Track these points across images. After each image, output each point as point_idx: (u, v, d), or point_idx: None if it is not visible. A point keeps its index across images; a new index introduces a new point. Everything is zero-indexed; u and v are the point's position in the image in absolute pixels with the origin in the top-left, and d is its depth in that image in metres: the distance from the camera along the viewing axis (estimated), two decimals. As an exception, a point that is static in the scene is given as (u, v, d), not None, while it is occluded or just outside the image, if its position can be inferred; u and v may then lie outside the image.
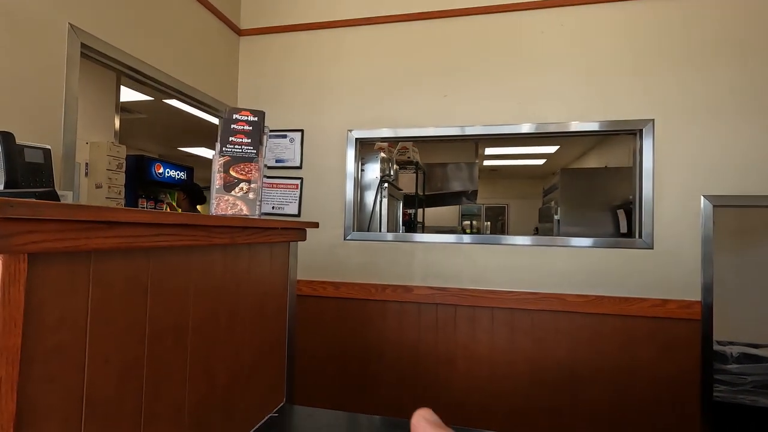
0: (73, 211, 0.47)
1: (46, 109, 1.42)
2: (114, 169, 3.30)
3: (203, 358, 0.78)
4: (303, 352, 2.29)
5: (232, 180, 0.93)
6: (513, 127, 2.17)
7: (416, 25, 2.27)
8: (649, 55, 2.01)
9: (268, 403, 1.04)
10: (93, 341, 0.55)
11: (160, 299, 0.67)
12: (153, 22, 1.89)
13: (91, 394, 0.55)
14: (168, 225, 0.64)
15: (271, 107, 2.43)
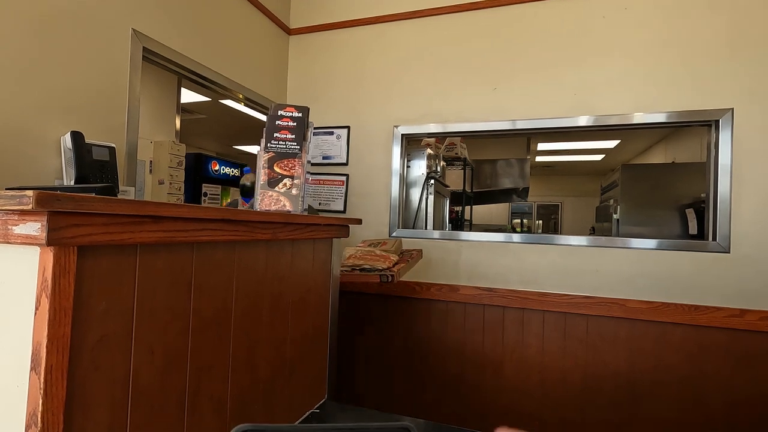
0: (118, 206, 0.49)
1: (111, 110, 1.52)
2: (175, 166, 3.50)
3: (245, 352, 0.79)
4: (346, 349, 2.30)
5: (276, 176, 0.94)
6: (569, 121, 2.04)
7: (464, 17, 2.20)
8: (727, 37, 1.80)
9: (310, 398, 1.04)
10: (138, 332, 0.57)
11: (204, 292, 0.68)
12: (208, 26, 1.97)
13: (136, 383, 0.56)
14: (211, 220, 0.65)
15: (318, 104, 2.46)
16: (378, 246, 1.74)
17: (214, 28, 2.01)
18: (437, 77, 2.24)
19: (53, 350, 0.45)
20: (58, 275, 0.45)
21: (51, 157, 1.33)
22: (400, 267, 1.51)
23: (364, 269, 1.39)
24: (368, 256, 1.50)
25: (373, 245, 1.75)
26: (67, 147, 1.29)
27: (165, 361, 0.61)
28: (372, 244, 1.80)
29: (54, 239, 0.44)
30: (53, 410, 0.45)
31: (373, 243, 1.81)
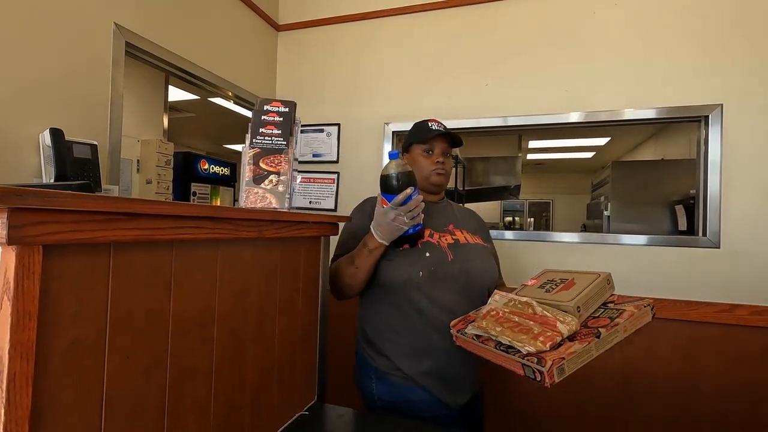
0: (87, 202, 0.46)
1: (92, 107, 1.47)
2: (163, 165, 3.45)
3: (230, 355, 0.76)
4: (339, 350, 2.27)
5: (262, 172, 0.91)
6: (560, 117, 2.04)
7: (454, 12, 2.18)
8: (716, 32, 1.81)
9: (299, 400, 1.02)
10: (113, 336, 0.54)
11: (185, 293, 0.65)
12: (194, 22, 1.93)
13: (111, 391, 0.53)
14: (191, 217, 0.62)
15: (308, 101, 2.43)
16: (556, 288, 0.97)
17: (201, 24, 1.97)
18: (428, 73, 2.22)
19: (16, 356, 0.42)
20: (22, 276, 0.42)
21: (29, 155, 1.29)
22: (569, 352, 0.80)
23: (500, 343, 0.86)
24: (519, 315, 0.88)
25: (550, 286, 1.00)
26: (46, 144, 1.25)
27: (143, 366, 0.58)
28: (549, 284, 1.02)
29: (15, 238, 0.41)
30: (17, 420, 0.42)
31: (553, 282, 1.02)
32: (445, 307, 1.11)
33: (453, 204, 1.39)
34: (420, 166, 1.24)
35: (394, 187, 1.01)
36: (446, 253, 1.15)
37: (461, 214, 1.36)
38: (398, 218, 1.01)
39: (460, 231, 1.24)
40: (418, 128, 1.28)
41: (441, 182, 1.26)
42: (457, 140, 1.27)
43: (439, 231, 1.21)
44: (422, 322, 1.12)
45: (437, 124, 1.25)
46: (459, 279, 1.14)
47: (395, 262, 1.13)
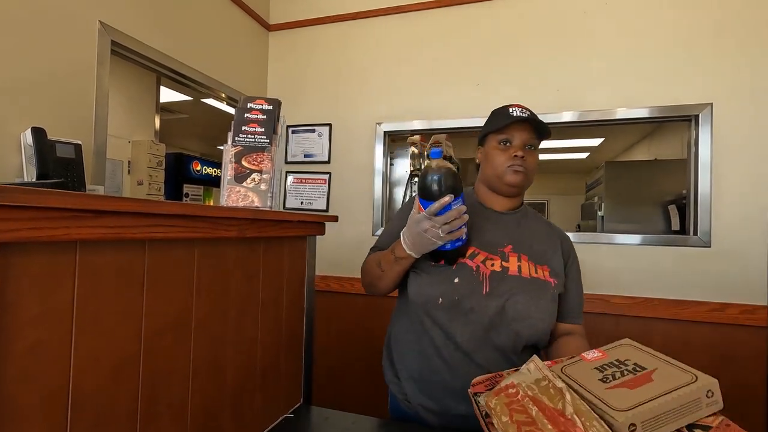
0: (45, 198, 0.44)
1: (77, 106, 1.45)
2: (154, 166, 3.42)
3: (209, 357, 0.74)
4: (329, 350, 2.25)
5: (244, 171, 0.89)
6: (553, 116, 2.03)
7: (448, 12, 2.17)
8: (706, 32, 1.81)
9: (284, 403, 1.00)
10: (80, 338, 0.52)
11: (159, 294, 0.63)
12: (184, 20, 1.91)
13: (77, 395, 0.52)
14: (164, 215, 0.61)
15: (299, 101, 2.41)
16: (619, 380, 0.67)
17: (191, 24, 1.95)
18: (420, 73, 2.21)
19: (-29, 359, 0.40)
20: (-24, 275, 0.40)
21: (11, 155, 1.26)
22: None
23: None
24: (541, 407, 0.64)
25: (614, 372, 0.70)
26: (28, 144, 1.22)
27: (113, 368, 0.56)
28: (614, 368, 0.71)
29: (-32, 235, 0.39)
30: (-29, 427, 0.40)
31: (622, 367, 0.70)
32: (461, 348, 0.92)
33: (532, 216, 1.09)
34: (493, 162, 1.00)
35: (431, 192, 0.84)
36: (482, 283, 0.93)
37: (535, 232, 1.04)
38: (431, 230, 0.84)
39: (518, 256, 0.97)
40: (495, 115, 1.04)
41: (518, 182, 0.98)
42: (543, 129, 0.99)
43: (486, 251, 0.97)
44: (435, 355, 0.95)
45: (520, 109, 0.99)
46: (488, 319, 0.91)
47: (422, 278, 0.97)
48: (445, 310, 0.93)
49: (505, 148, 1.00)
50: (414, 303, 0.98)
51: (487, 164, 1.03)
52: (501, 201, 1.04)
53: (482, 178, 1.06)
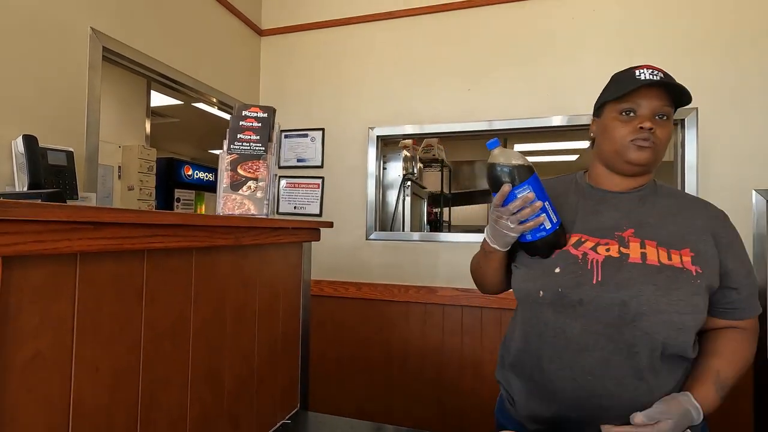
0: (50, 212, 0.44)
1: (69, 113, 1.44)
2: (145, 171, 3.40)
3: (207, 364, 0.75)
4: (324, 355, 2.26)
5: (240, 178, 0.90)
6: (543, 120, 2.06)
7: (439, 18, 2.20)
8: (692, 37, 1.85)
9: (281, 409, 1.00)
10: (81, 348, 0.52)
11: (157, 303, 0.64)
12: (176, 26, 1.91)
13: (78, 404, 0.52)
14: (162, 225, 0.61)
15: (291, 106, 2.42)
16: None
17: (182, 29, 1.95)
18: (412, 78, 2.23)
19: (-26, 372, 0.41)
20: (-21, 289, 0.41)
21: (1, 163, 1.25)
22: None
23: None
24: None
25: None
26: (19, 151, 1.22)
27: (113, 378, 0.57)
28: None
29: (-29, 249, 0.39)
30: (-26, 439, 0.41)
31: None
32: (576, 346, 0.78)
33: (665, 192, 0.89)
34: (612, 136, 0.83)
35: (493, 183, 0.81)
36: (591, 271, 0.79)
37: (668, 210, 0.86)
38: (501, 221, 0.80)
39: (640, 242, 0.80)
40: (615, 80, 0.88)
41: (643, 160, 0.81)
42: (680, 93, 0.80)
43: (598, 236, 0.82)
44: (546, 356, 0.82)
45: (650, 71, 0.81)
46: (604, 313, 0.77)
47: (521, 271, 0.88)
48: (548, 306, 0.81)
49: (629, 119, 0.82)
50: (518, 299, 0.90)
51: (604, 138, 0.86)
52: (620, 181, 0.87)
53: (598, 154, 0.90)
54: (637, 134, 0.80)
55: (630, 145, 0.81)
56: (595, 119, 0.93)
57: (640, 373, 0.75)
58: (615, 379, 0.75)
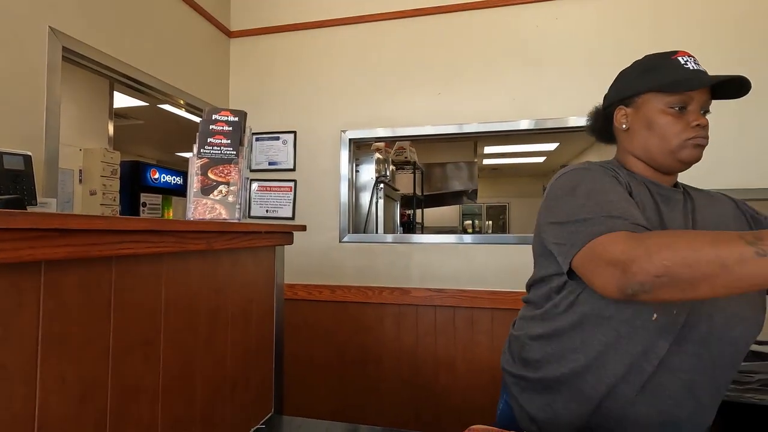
0: (11, 220, 0.43)
1: (26, 115, 1.38)
2: (108, 175, 3.27)
3: (178, 372, 0.74)
4: (299, 359, 2.24)
5: (210, 183, 0.89)
6: (510, 124, 2.13)
7: (409, 23, 2.23)
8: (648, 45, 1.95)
9: (254, 414, 1.00)
10: (46, 360, 0.51)
11: (126, 310, 0.63)
12: (140, 26, 1.86)
13: (44, 417, 0.50)
14: (131, 231, 0.60)
15: (262, 109, 2.39)
16: None
17: (147, 29, 1.90)
18: (384, 81, 2.25)
19: (-69, 387, 0.39)
20: (-64, 301, 0.39)
21: (-48, 168, 1.19)
22: None
23: None
24: None
25: None
26: (-28, 156, 1.16)
27: (80, 389, 0.55)
28: None
29: (-72, 260, 0.38)
30: (-68, 457, 0.39)
31: None
32: (680, 385, 0.71)
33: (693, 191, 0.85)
34: (663, 132, 0.76)
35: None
36: None
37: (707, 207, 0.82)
38: None
39: None
40: (657, 65, 0.79)
41: (696, 159, 0.77)
42: (738, 84, 0.74)
43: None
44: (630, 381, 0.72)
45: (693, 60, 0.76)
46: (705, 337, 0.71)
47: None
48: (657, 333, 0.71)
49: (680, 114, 0.76)
50: (605, 317, 0.74)
51: (650, 134, 0.78)
52: (661, 177, 0.82)
53: (636, 148, 0.81)
54: (695, 132, 0.75)
55: (687, 143, 0.75)
56: (623, 108, 0.84)
57: (719, 389, 0.73)
58: (695, 399, 0.71)
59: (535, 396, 0.83)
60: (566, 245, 0.70)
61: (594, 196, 0.72)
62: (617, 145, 0.90)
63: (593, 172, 0.77)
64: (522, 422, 0.85)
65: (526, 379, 0.85)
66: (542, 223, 0.80)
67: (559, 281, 0.80)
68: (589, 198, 0.71)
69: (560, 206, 0.75)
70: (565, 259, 0.70)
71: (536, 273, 0.88)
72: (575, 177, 0.78)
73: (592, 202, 0.70)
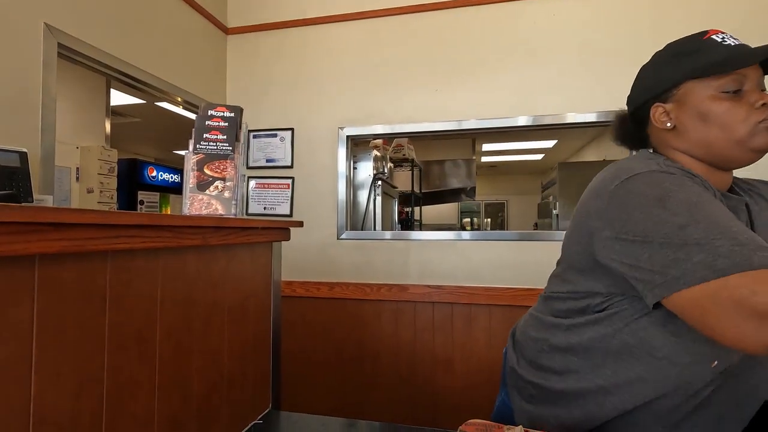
0: (10, 213, 0.43)
1: (22, 112, 1.38)
2: (105, 173, 3.27)
3: (174, 368, 0.74)
4: (297, 356, 2.24)
5: (206, 178, 0.89)
6: (509, 121, 2.13)
7: (407, 19, 2.23)
8: (648, 42, 1.96)
9: (252, 410, 1.00)
10: (41, 354, 0.51)
11: (122, 305, 0.63)
12: (136, 22, 1.85)
13: (39, 411, 0.50)
14: (126, 226, 0.60)
15: (260, 106, 2.39)
16: None
17: (142, 24, 1.89)
18: (382, 78, 2.25)
19: (-75, 381, 0.39)
20: (-71, 294, 0.39)
21: (-53, 164, 1.18)
22: None
23: None
24: None
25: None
26: (-33, 152, 1.15)
27: (76, 384, 0.55)
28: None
29: None
30: (-74, 450, 0.39)
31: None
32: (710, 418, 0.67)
33: (741, 191, 0.75)
34: (725, 122, 0.66)
35: None
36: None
37: (765, 215, 0.73)
38: None
39: None
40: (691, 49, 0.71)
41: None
42: None
43: None
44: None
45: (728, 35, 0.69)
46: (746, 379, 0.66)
47: None
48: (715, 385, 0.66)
49: (737, 98, 0.66)
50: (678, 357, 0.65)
51: (706, 126, 0.68)
52: (721, 178, 0.71)
53: (693, 146, 0.71)
54: (763, 113, 0.64)
55: (758, 128, 0.65)
56: (660, 105, 0.74)
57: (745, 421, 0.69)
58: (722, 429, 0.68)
59: (542, 404, 0.78)
60: (659, 274, 0.56)
61: (697, 212, 0.57)
62: (657, 146, 0.78)
63: (680, 178, 0.63)
64: (519, 421, 0.84)
65: (536, 386, 0.79)
66: (602, 236, 0.65)
67: (602, 301, 0.70)
68: (692, 214, 0.56)
69: (640, 219, 0.60)
70: (656, 292, 0.57)
71: (571, 284, 0.76)
72: (658, 182, 0.62)
73: (697, 220, 0.56)
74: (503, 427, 0.71)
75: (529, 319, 0.88)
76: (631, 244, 0.61)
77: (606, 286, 0.69)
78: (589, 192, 0.73)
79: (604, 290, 0.69)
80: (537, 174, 7.64)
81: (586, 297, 0.73)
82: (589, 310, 0.72)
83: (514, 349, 0.89)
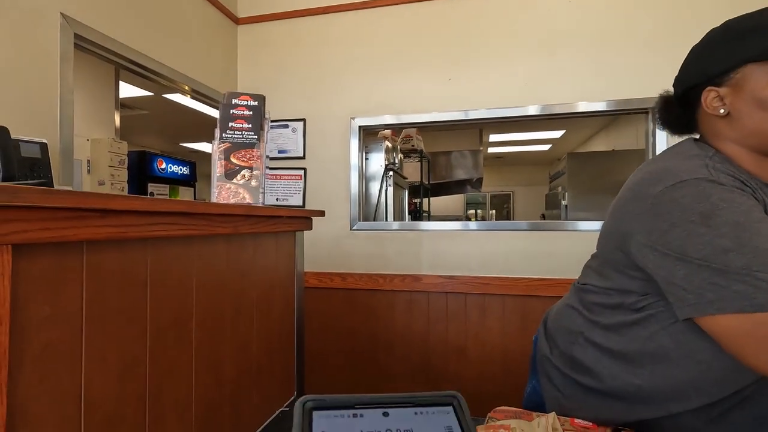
0: (57, 198, 0.44)
1: (40, 103, 1.38)
2: (116, 165, 3.28)
3: (208, 354, 0.75)
4: (310, 347, 2.26)
5: (234, 167, 0.89)
6: (518, 110, 2.11)
7: (418, 7, 2.21)
8: (662, 28, 1.93)
9: (279, 397, 1.01)
10: (89, 338, 0.52)
11: (161, 292, 0.63)
12: (148, 12, 1.84)
13: (89, 395, 0.51)
14: (165, 213, 0.61)
15: (271, 97, 2.38)
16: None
17: (154, 14, 1.88)
18: (393, 68, 2.23)
19: (-12, 363, 0.40)
20: (-10, 278, 0.40)
21: (-30, 156, 1.19)
22: None
23: None
24: None
25: None
26: (-10, 143, 1.16)
27: (121, 368, 0.56)
28: None
29: (-18, 237, 0.38)
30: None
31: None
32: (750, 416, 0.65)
33: None
34: None
35: None
36: None
37: None
38: None
39: None
40: (755, 27, 0.64)
41: None
42: None
43: None
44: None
45: None
46: None
47: None
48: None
49: None
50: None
51: (766, 114, 0.62)
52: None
53: (748, 136, 0.66)
54: None
55: None
56: (714, 89, 0.68)
57: None
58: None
59: (575, 396, 0.77)
60: (693, 294, 0.56)
61: (743, 234, 0.55)
62: (705, 133, 0.73)
63: (729, 191, 0.58)
64: (551, 409, 0.83)
65: (568, 378, 0.79)
66: (638, 241, 0.64)
67: (637, 300, 0.68)
68: (738, 237, 0.54)
69: (681, 235, 0.58)
70: (686, 310, 0.57)
71: (607, 280, 0.75)
72: (705, 195, 0.58)
73: (742, 244, 0.54)
74: (533, 414, 0.71)
75: (564, 309, 0.87)
76: (666, 258, 0.59)
77: (641, 286, 0.68)
78: (629, 191, 0.70)
79: (639, 290, 0.68)
80: (544, 165, 7.60)
81: (622, 294, 0.72)
82: (624, 308, 0.71)
83: (546, 338, 0.88)
